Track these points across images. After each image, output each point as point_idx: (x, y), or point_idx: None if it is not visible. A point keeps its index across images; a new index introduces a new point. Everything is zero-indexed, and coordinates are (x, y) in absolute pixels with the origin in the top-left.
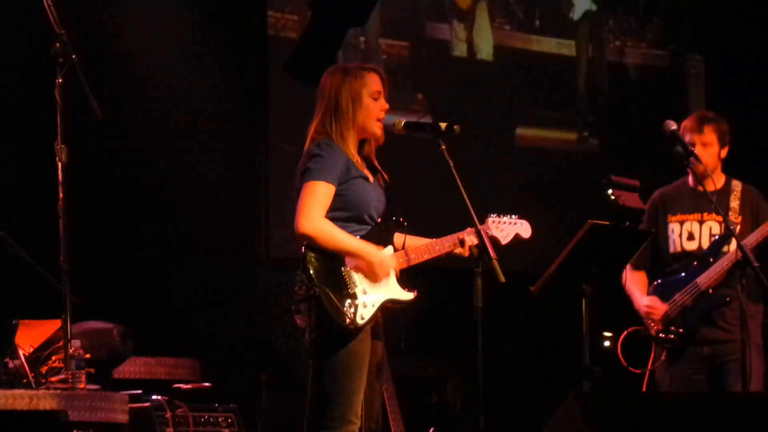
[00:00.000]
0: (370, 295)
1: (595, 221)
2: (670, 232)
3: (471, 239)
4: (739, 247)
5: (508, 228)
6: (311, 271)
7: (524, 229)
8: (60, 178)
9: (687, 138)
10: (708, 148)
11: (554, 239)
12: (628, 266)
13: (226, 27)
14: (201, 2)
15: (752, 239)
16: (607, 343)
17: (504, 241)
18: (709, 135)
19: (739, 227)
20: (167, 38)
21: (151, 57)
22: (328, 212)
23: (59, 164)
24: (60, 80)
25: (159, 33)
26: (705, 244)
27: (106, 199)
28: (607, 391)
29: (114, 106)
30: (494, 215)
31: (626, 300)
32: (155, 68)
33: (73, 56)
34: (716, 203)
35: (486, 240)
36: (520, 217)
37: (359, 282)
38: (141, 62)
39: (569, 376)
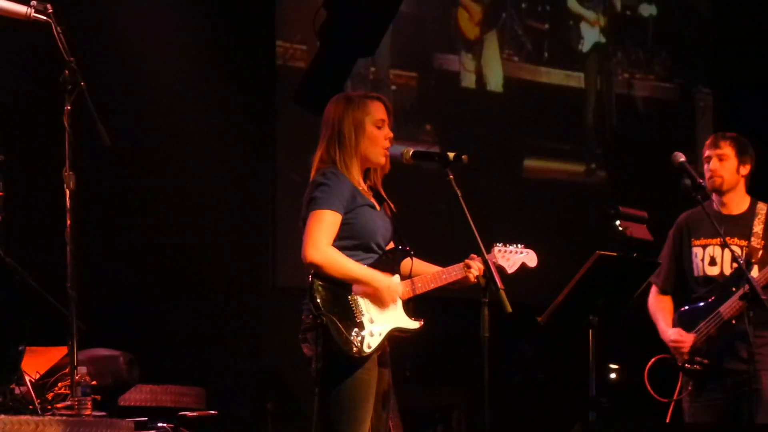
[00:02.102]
0: (377, 324)
1: (602, 252)
2: (693, 257)
3: (477, 264)
4: (747, 280)
5: (515, 257)
6: (318, 300)
7: (530, 259)
8: (68, 204)
9: (705, 154)
10: (725, 162)
11: (561, 270)
12: (654, 289)
13: (235, 56)
14: (210, 32)
15: (765, 276)
16: (613, 375)
17: (510, 270)
18: (726, 148)
19: (761, 252)
20: (176, 67)
21: (159, 86)
22: (335, 241)
23: (67, 191)
24: (68, 107)
25: (168, 62)
26: (727, 270)
27: (114, 227)
28: (613, 423)
29: (122, 133)
30: (500, 244)
31: (634, 332)
32: (164, 97)
33: (82, 83)
34: (738, 227)
35: (493, 269)
36: (526, 246)
37: (366, 310)
38: (149, 90)
39: (575, 407)
